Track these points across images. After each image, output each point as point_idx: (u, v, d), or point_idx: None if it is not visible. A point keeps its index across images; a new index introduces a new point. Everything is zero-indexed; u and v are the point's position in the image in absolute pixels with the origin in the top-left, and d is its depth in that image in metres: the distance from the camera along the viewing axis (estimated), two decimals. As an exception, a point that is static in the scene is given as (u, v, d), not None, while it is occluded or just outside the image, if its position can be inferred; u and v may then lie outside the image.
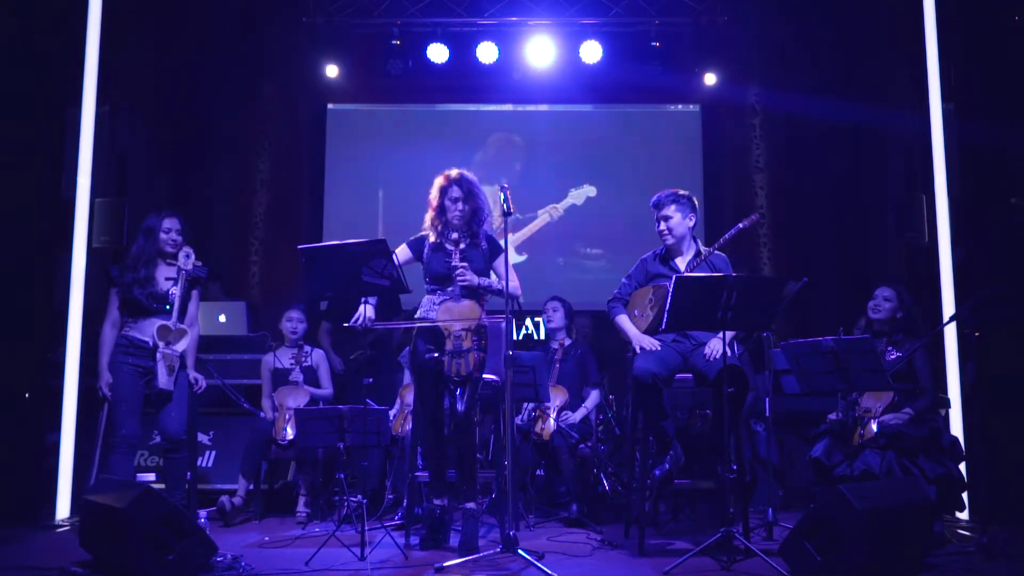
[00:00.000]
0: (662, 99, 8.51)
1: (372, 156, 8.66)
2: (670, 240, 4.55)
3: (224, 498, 5.23)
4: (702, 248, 4.58)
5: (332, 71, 7.97)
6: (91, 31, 5.61)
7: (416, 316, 4.45)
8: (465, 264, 4.31)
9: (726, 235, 4.56)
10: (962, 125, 5.41)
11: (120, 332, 4.50)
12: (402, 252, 4.41)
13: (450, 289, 4.35)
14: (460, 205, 4.38)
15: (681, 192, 4.57)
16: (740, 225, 4.52)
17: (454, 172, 4.45)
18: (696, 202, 4.62)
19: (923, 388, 4.64)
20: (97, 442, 5.64)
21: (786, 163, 8.35)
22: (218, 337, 6.29)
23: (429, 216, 4.49)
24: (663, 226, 4.54)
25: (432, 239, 4.46)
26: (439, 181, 4.46)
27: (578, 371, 5.62)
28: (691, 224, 4.57)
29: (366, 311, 4.28)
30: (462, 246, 4.37)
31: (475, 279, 4.33)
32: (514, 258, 8.20)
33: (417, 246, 4.49)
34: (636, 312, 4.56)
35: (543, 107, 8.78)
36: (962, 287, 5.28)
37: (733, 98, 8.41)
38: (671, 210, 4.53)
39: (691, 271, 4.46)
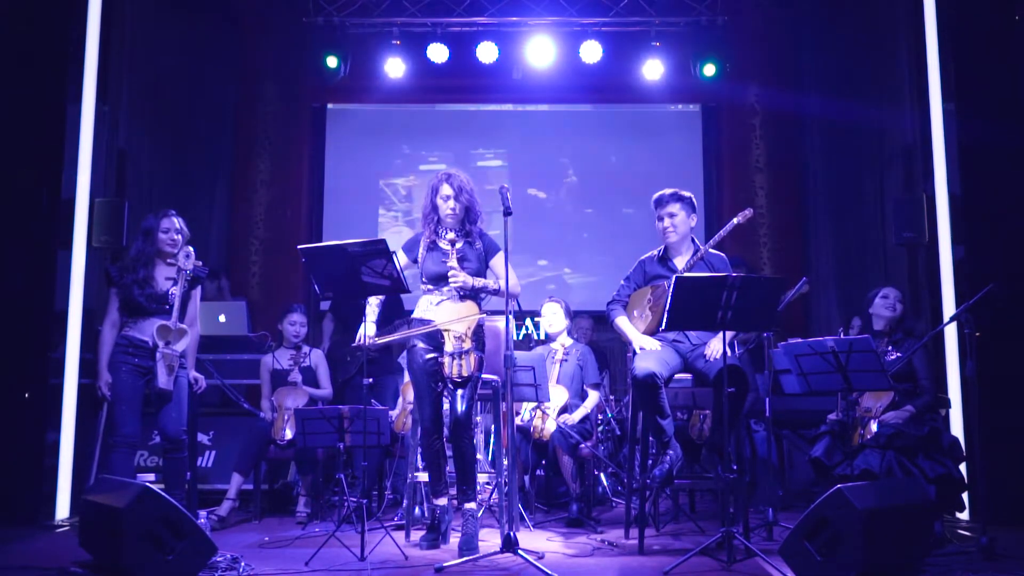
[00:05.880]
0: (662, 99, 8.52)
1: (372, 156, 8.68)
2: (674, 237, 4.54)
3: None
4: (700, 247, 4.59)
5: (331, 61, 7.95)
6: (91, 31, 5.60)
7: (413, 317, 4.44)
8: (457, 268, 4.31)
9: (721, 231, 4.57)
10: (962, 125, 5.41)
11: (120, 332, 4.49)
12: (400, 257, 4.40)
13: (446, 289, 4.35)
14: (451, 203, 4.38)
15: (683, 192, 4.59)
16: (735, 220, 4.54)
17: (445, 171, 4.47)
18: (695, 203, 4.64)
19: (923, 388, 4.64)
20: (97, 442, 5.63)
21: (786, 163, 8.36)
22: (218, 337, 6.29)
23: (423, 216, 4.50)
24: (668, 223, 4.54)
25: (427, 238, 4.46)
26: (431, 181, 4.49)
27: (578, 371, 5.62)
28: (692, 224, 4.60)
29: (366, 330, 4.33)
30: (459, 245, 4.37)
31: (468, 281, 4.32)
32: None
33: (411, 248, 4.48)
34: (635, 313, 4.56)
35: (543, 107, 8.79)
36: (962, 287, 5.28)
37: (733, 98, 8.43)
38: (676, 208, 4.53)
39: (689, 270, 4.46)
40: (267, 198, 8.42)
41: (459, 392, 4.23)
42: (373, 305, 4.46)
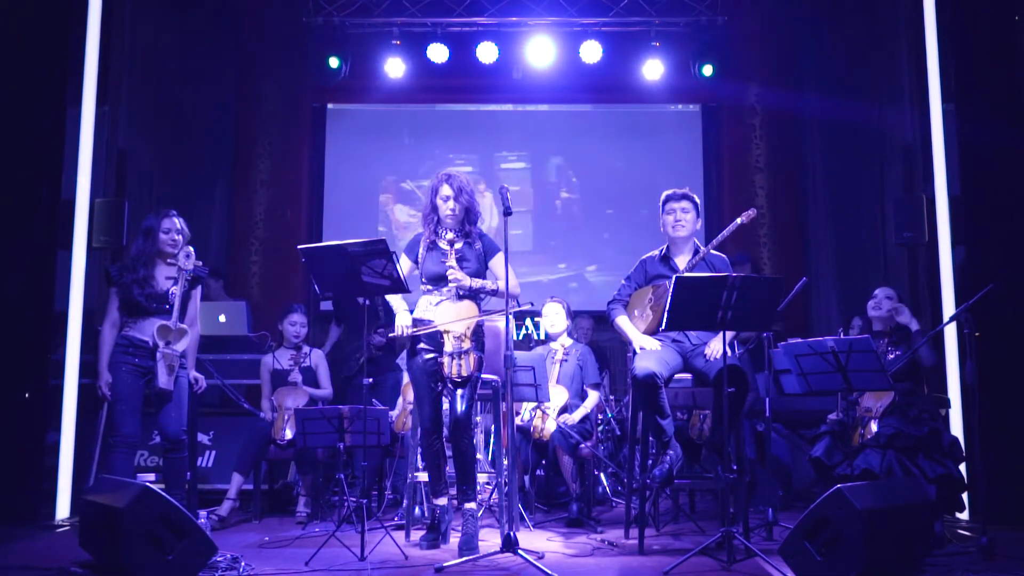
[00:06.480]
0: (662, 99, 8.52)
1: (372, 156, 8.67)
2: (683, 231, 4.56)
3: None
4: (701, 247, 4.61)
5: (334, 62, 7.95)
6: (91, 31, 5.60)
7: (413, 317, 4.43)
8: (455, 268, 4.31)
9: (724, 231, 4.59)
10: (962, 125, 5.41)
11: (120, 332, 4.49)
12: (404, 262, 4.40)
13: (445, 289, 4.34)
14: (451, 203, 4.38)
15: (692, 194, 4.64)
16: (738, 221, 4.56)
17: (444, 172, 4.47)
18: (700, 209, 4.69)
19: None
20: (97, 442, 5.64)
21: (786, 163, 8.36)
22: (218, 337, 6.29)
23: (423, 217, 4.51)
24: (680, 216, 4.55)
25: (427, 238, 4.46)
26: (431, 181, 4.50)
27: (578, 371, 5.62)
28: (698, 227, 4.65)
29: (402, 319, 4.34)
30: (458, 246, 4.37)
31: (466, 282, 4.32)
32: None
33: (412, 250, 4.49)
34: (636, 313, 4.57)
35: (543, 107, 8.79)
36: (962, 287, 5.28)
37: (733, 98, 8.43)
38: (688, 205, 4.58)
39: (690, 271, 4.47)
40: (267, 198, 8.41)
41: (459, 392, 4.23)
42: (399, 297, 4.43)
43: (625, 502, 4.85)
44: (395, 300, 4.43)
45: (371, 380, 4.87)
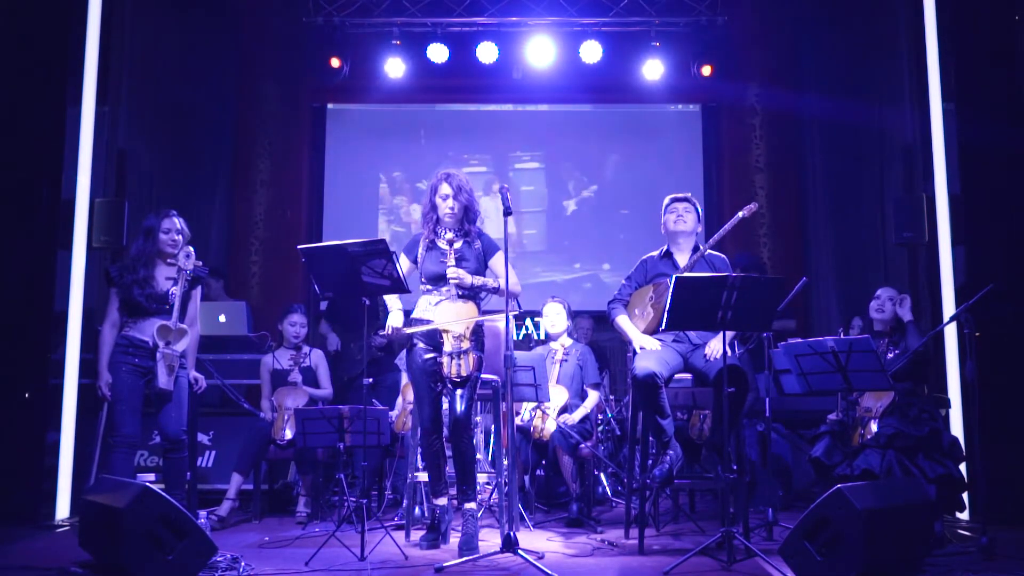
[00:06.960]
0: (662, 99, 8.51)
1: (372, 156, 8.67)
2: (684, 226, 4.59)
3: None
4: (701, 246, 4.62)
5: (335, 63, 7.95)
6: (91, 31, 5.60)
7: (412, 317, 4.44)
8: (455, 267, 4.31)
9: (726, 226, 4.60)
10: (962, 125, 5.41)
11: (120, 332, 4.49)
12: (403, 261, 4.40)
13: (445, 288, 4.34)
14: (450, 202, 4.38)
15: (694, 199, 4.69)
16: (740, 214, 4.58)
17: (444, 171, 4.47)
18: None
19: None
20: (97, 442, 5.64)
21: (786, 163, 8.36)
22: (218, 337, 6.29)
23: (422, 216, 4.51)
24: (682, 213, 4.60)
25: (426, 238, 4.46)
26: (430, 180, 4.50)
27: (578, 371, 5.62)
28: (699, 231, 4.69)
29: (394, 319, 4.36)
30: (457, 245, 4.36)
31: (467, 279, 4.32)
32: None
33: (411, 250, 4.48)
34: (636, 312, 4.57)
35: (543, 107, 8.79)
36: (962, 287, 5.28)
37: (733, 98, 8.43)
38: (690, 206, 4.64)
39: (690, 269, 4.48)
40: (267, 198, 8.41)
41: (458, 392, 4.22)
42: (396, 297, 4.44)
43: (625, 502, 4.85)
44: (391, 300, 4.44)
45: (371, 380, 4.87)
